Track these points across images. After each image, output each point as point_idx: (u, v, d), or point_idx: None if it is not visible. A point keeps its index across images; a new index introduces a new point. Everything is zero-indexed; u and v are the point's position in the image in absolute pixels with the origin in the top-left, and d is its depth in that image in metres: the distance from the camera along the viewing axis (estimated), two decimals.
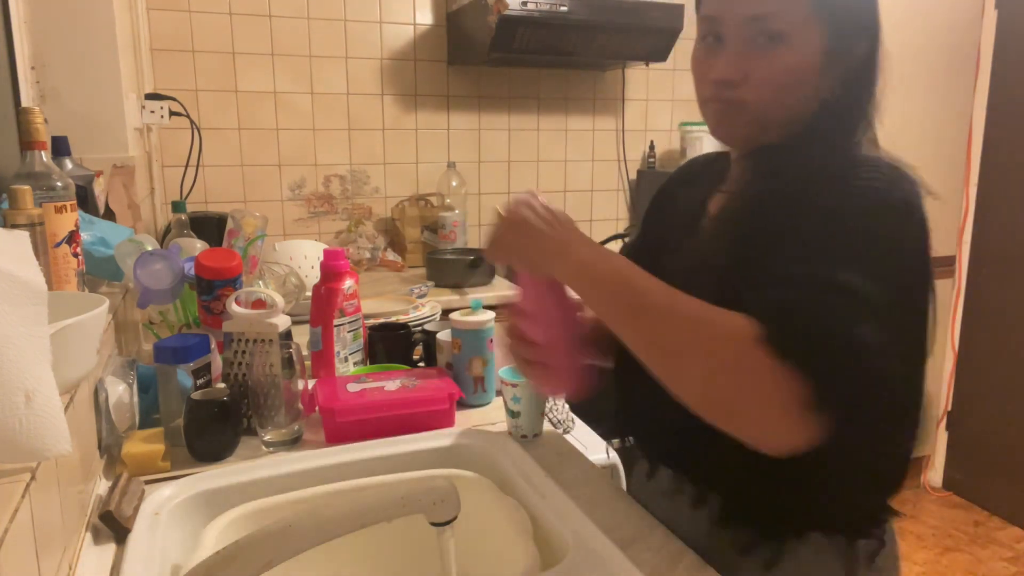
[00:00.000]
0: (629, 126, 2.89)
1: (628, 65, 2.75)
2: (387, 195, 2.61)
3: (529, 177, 2.80)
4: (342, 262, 1.31)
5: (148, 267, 1.18)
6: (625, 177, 2.94)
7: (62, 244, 0.95)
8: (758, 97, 0.77)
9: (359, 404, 1.10)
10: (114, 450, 1.01)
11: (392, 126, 2.57)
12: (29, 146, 0.97)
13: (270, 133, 2.42)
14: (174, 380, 1.06)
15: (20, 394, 0.52)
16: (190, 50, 2.28)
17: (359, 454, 1.02)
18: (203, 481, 0.93)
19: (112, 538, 0.83)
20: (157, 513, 0.86)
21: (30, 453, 0.54)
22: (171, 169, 2.27)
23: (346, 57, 2.46)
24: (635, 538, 0.84)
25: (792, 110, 0.78)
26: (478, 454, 1.05)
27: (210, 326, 1.23)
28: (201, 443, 1.03)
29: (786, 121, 0.79)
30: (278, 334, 1.13)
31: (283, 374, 1.05)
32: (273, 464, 0.98)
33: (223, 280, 1.22)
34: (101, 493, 0.90)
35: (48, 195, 0.95)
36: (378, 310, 1.69)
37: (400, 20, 2.51)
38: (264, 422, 1.06)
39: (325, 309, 1.29)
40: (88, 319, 0.67)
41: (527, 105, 2.73)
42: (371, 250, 2.54)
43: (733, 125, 0.81)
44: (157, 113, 1.93)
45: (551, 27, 2.26)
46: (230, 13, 2.30)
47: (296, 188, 2.49)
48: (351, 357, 1.33)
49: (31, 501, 0.59)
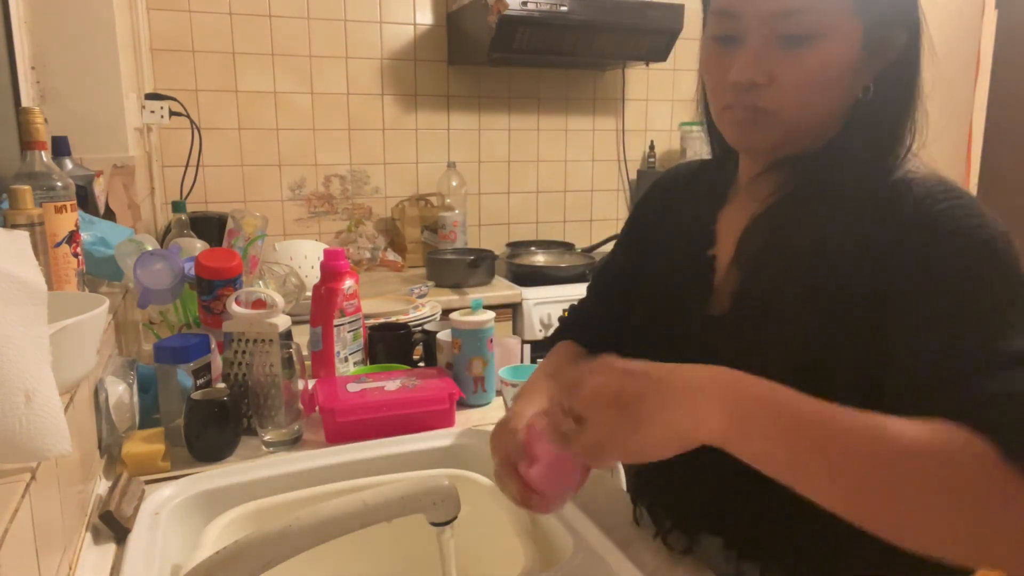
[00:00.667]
0: (629, 126, 2.89)
1: (628, 65, 2.75)
2: (387, 195, 2.61)
3: (529, 177, 2.80)
4: (342, 262, 1.31)
5: (148, 267, 1.18)
6: (625, 177, 2.94)
7: (62, 244, 0.95)
8: (786, 102, 0.68)
9: (359, 404, 1.10)
10: (114, 450, 1.01)
11: (392, 126, 2.57)
12: (29, 146, 0.97)
13: (270, 133, 2.42)
14: (174, 380, 1.06)
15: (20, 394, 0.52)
16: (190, 50, 2.28)
17: (359, 454, 1.02)
18: (203, 481, 0.94)
19: (112, 538, 0.83)
20: (157, 513, 0.86)
21: (30, 453, 0.54)
22: (171, 169, 2.27)
23: (346, 57, 2.46)
24: (635, 538, 0.84)
25: (824, 114, 0.70)
26: (478, 454, 1.05)
27: (210, 326, 1.23)
28: (201, 443, 1.03)
29: (817, 125, 0.71)
30: (278, 334, 1.13)
31: (283, 374, 1.05)
32: (273, 464, 0.98)
33: (223, 280, 1.22)
34: (101, 493, 0.90)
35: (48, 195, 0.95)
36: (378, 310, 1.69)
37: (400, 20, 2.51)
38: (264, 422, 1.06)
39: (325, 309, 1.29)
40: (88, 319, 0.67)
41: (527, 105, 2.73)
42: (371, 250, 2.54)
43: (758, 135, 0.72)
44: (157, 113, 1.93)
45: (551, 27, 2.26)
46: (230, 13, 2.30)
47: (296, 188, 2.49)
48: (351, 357, 1.33)
49: (31, 501, 0.59)
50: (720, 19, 0.70)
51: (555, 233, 2.87)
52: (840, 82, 0.68)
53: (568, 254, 2.61)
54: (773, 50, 0.67)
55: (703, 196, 0.84)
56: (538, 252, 2.61)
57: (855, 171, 0.69)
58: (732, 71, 0.68)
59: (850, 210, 0.67)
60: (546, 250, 2.65)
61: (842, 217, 0.67)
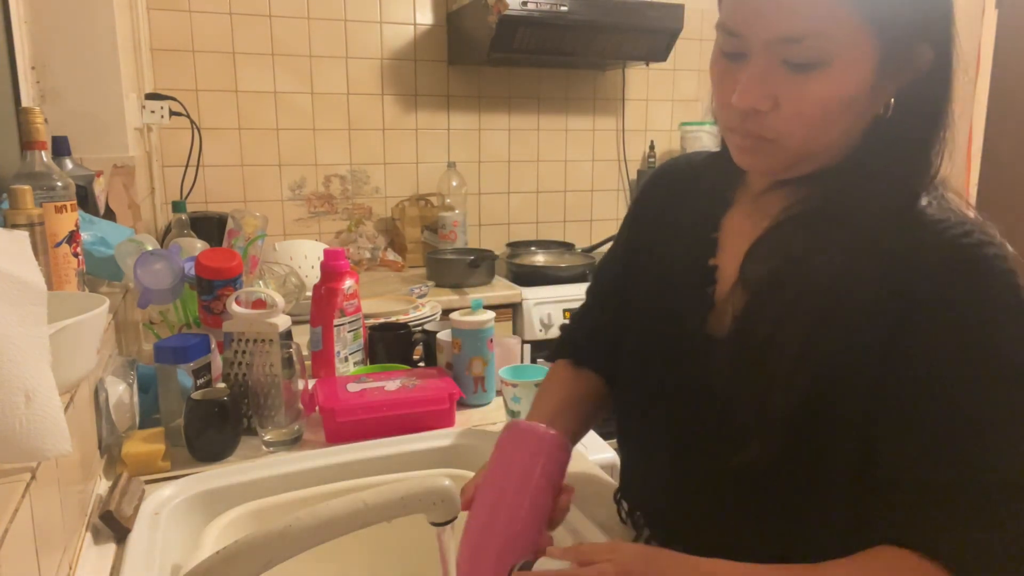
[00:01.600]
0: (629, 126, 2.89)
1: (628, 65, 2.75)
2: (387, 195, 2.61)
3: (529, 177, 2.80)
4: (342, 262, 1.31)
5: (148, 267, 1.18)
6: (625, 177, 2.94)
7: (62, 244, 0.95)
8: (790, 131, 0.63)
9: (359, 404, 1.10)
10: (114, 450, 1.01)
11: (392, 126, 2.57)
12: (29, 146, 0.97)
13: (270, 133, 2.42)
14: (174, 380, 1.06)
15: (20, 394, 0.52)
16: (190, 50, 2.28)
17: (359, 454, 1.02)
18: (203, 481, 0.94)
19: (112, 538, 0.83)
20: (157, 513, 0.86)
21: (30, 453, 0.54)
22: (171, 169, 2.27)
23: (346, 57, 2.46)
24: (635, 538, 0.84)
25: (836, 137, 0.65)
26: (478, 454, 1.04)
27: (210, 326, 1.23)
28: (201, 443, 1.03)
29: (829, 148, 0.66)
30: (278, 334, 1.13)
31: (283, 374, 1.05)
32: (273, 464, 0.98)
33: (223, 280, 1.22)
34: (101, 493, 0.90)
35: (48, 195, 0.95)
36: (378, 310, 1.69)
37: (400, 20, 2.50)
38: (264, 422, 1.06)
39: (325, 309, 1.29)
40: (88, 319, 0.67)
41: (527, 105, 2.73)
42: (371, 250, 2.54)
43: (762, 161, 0.68)
44: (157, 113, 1.93)
45: (551, 27, 2.26)
46: (230, 13, 2.30)
47: (296, 188, 2.49)
48: (351, 357, 1.33)
49: (31, 501, 0.59)
50: (725, 35, 0.65)
51: (555, 233, 2.87)
52: (852, 107, 0.63)
53: (568, 254, 2.61)
54: (778, 74, 0.62)
55: (706, 196, 0.79)
56: (538, 252, 2.61)
57: (873, 196, 0.64)
58: (734, 95, 0.63)
59: (866, 245, 0.62)
60: (546, 250, 2.65)
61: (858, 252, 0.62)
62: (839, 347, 0.62)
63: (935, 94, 0.64)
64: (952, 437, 0.57)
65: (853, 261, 0.62)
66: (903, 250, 0.61)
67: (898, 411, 0.60)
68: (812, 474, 0.64)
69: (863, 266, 0.62)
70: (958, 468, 0.57)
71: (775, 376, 0.63)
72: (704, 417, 0.71)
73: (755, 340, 0.66)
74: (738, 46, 0.64)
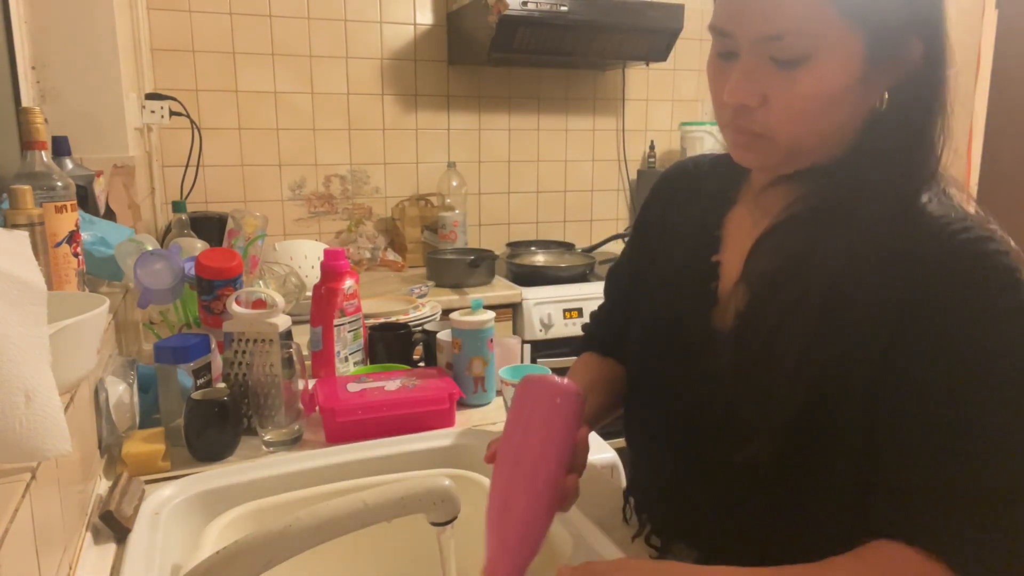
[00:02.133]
0: (629, 126, 2.89)
1: (628, 65, 2.75)
2: (387, 195, 2.61)
3: (529, 177, 2.80)
4: (342, 262, 1.31)
5: (148, 267, 1.18)
6: (625, 177, 2.94)
7: (62, 244, 0.95)
8: (780, 125, 0.65)
9: (359, 404, 1.10)
10: (114, 450, 1.01)
11: (392, 126, 2.57)
12: (29, 146, 0.97)
13: (270, 133, 2.42)
14: (174, 380, 1.06)
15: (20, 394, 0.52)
16: (190, 50, 2.28)
17: (359, 454, 1.02)
18: (203, 481, 0.94)
19: (112, 538, 0.83)
20: (157, 513, 0.86)
21: (30, 453, 0.54)
22: (171, 169, 2.27)
23: (346, 57, 2.46)
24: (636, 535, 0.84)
25: (830, 131, 0.66)
26: (478, 454, 1.04)
27: (210, 326, 1.23)
28: (201, 443, 1.03)
29: (824, 142, 0.67)
30: (278, 334, 1.13)
31: (283, 374, 1.05)
32: (273, 464, 0.98)
33: (223, 280, 1.22)
34: (101, 493, 0.90)
35: (48, 195, 0.95)
36: (378, 310, 1.69)
37: (400, 20, 2.50)
38: (264, 422, 1.06)
39: (325, 309, 1.29)
40: (88, 319, 0.67)
41: (527, 105, 2.73)
42: (371, 250, 2.54)
43: (756, 156, 0.70)
44: (157, 113, 1.94)
45: (551, 27, 2.26)
46: (230, 13, 2.30)
47: (296, 188, 2.49)
48: (351, 357, 1.33)
49: (31, 501, 0.59)
50: (717, 35, 0.67)
51: (555, 233, 2.87)
52: (843, 100, 0.64)
53: (568, 254, 2.61)
54: (766, 71, 0.63)
55: (710, 196, 0.80)
56: (538, 252, 2.61)
57: (875, 192, 0.64)
58: (725, 91, 0.65)
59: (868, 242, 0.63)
60: (546, 250, 2.65)
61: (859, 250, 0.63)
62: (841, 345, 0.62)
63: (930, 86, 0.65)
64: (953, 438, 0.57)
65: (855, 259, 0.63)
66: (904, 249, 0.61)
67: (899, 411, 0.60)
68: (815, 470, 0.64)
69: (865, 264, 0.62)
70: (959, 469, 0.57)
71: (778, 372, 0.64)
72: (708, 413, 0.71)
73: (759, 336, 0.66)
74: (729, 45, 0.66)
